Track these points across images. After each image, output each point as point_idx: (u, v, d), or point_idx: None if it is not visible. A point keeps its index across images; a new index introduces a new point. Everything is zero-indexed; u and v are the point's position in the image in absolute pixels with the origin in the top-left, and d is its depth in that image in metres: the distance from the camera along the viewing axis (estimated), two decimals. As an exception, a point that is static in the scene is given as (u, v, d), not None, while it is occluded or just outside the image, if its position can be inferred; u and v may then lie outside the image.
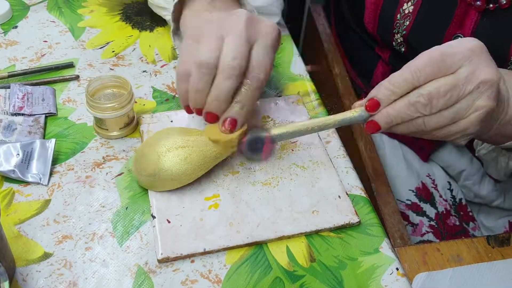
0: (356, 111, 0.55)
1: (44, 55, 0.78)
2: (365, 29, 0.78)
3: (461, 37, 0.66)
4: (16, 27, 0.82)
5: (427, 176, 0.86)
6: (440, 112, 0.51)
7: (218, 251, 0.56)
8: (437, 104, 0.50)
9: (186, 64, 0.56)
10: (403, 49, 0.73)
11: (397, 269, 0.56)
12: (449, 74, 0.49)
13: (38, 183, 0.61)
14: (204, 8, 0.65)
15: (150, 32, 0.84)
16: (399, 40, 0.71)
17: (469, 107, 0.50)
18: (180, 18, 0.69)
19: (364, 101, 0.54)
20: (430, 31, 0.69)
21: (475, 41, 0.50)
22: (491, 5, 0.63)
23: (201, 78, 0.54)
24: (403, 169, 0.85)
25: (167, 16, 0.75)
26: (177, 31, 0.71)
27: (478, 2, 0.63)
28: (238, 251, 0.57)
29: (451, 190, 0.86)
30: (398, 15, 0.69)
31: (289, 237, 0.58)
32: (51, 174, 0.62)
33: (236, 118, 0.56)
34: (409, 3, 0.68)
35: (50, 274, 0.53)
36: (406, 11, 0.69)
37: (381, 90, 0.51)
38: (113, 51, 0.80)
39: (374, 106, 0.52)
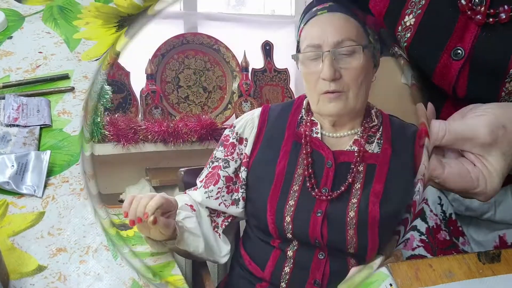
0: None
1: (39, 66, 0.78)
2: None
3: (461, 50, 0.67)
4: (11, 37, 0.82)
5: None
6: None
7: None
8: None
9: None
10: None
11: (390, 285, 0.57)
12: None
13: (33, 195, 0.61)
14: None
15: (145, 44, 0.84)
16: (399, 53, 0.72)
17: None
18: None
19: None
20: (430, 44, 0.69)
21: None
22: (490, 19, 0.64)
23: None
24: (394, 183, 0.85)
25: None
26: None
27: (478, 16, 0.64)
28: (232, 265, 0.57)
29: (441, 205, 0.87)
30: (400, 27, 0.70)
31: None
32: (45, 186, 0.62)
33: None
34: (411, 16, 0.68)
35: (44, 288, 0.53)
36: (408, 24, 0.69)
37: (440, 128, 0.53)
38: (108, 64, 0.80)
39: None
